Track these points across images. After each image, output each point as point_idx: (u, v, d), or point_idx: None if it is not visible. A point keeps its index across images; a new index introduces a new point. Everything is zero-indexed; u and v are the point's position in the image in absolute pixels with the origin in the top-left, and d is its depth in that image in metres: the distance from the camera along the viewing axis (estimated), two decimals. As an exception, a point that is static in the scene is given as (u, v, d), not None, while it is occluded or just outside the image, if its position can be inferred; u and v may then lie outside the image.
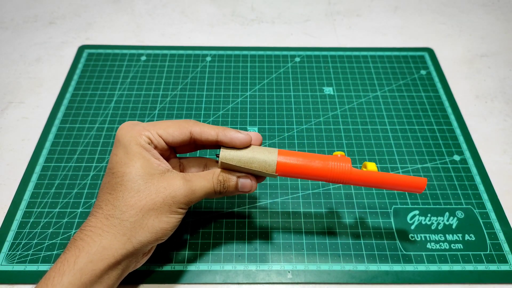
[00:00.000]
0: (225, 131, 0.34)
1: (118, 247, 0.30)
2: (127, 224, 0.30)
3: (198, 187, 0.33)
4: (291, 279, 0.38)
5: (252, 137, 0.34)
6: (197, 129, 0.34)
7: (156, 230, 0.31)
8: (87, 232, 0.30)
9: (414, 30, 0.64)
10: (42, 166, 0.46)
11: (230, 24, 0.65)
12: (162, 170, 0.32)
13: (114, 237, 0.30)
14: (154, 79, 0.56)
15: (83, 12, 0.66)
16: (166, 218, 0.31)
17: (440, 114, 0.52)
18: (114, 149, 0.33)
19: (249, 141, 0.34)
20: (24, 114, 0.52)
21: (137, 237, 0.31)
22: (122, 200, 0.31)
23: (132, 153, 0.32)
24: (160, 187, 0.31)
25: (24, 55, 0.59)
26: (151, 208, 0.31)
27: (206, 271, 0.38)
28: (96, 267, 0.29)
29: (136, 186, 0.31)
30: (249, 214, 0.43)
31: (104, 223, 0.30)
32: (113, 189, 0.31)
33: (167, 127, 0.33)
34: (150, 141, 0.33)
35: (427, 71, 0.57)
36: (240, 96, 0.54)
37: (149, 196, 0.31)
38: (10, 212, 0.42)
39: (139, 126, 0.33)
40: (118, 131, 0.33)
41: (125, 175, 0.31)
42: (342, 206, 0.43)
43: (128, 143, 0.32)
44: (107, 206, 0.31)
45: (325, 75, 0.57)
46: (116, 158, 0.32)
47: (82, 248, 0.29)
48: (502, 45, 0.62)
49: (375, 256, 0.40)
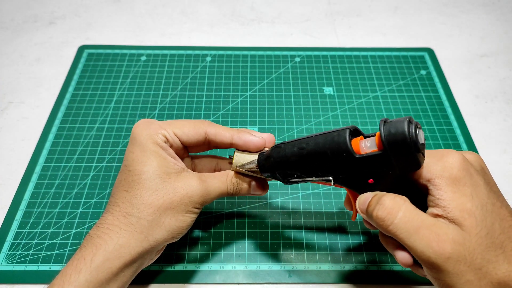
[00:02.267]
0: (240, 133, 0.34)
1: (135, 245, 0.30)
2: (144, 223, 0.31)
3: (213, 188, 0.33)
4: (291, 279, 0.38)
5: (266, 140, 0.34)
6: (212, 130, 0.34)
7: (172, 228, 0.32)
8: (104, 229, 0.30)
9: (414, 30, 0.64)
10: (42, 166, 0.46)
11: (230, 24, 0.65)
12: (178, 170, 0.32)
13: (132, 235, 0.30)
14: (154, 79, 0.56)
15: (83, 12, 0.66)
16: (182, 217, 0.32)
17: (440, 114, 0.52)
18: (130, 147, 0.33)
19: (263, 144, 0.34)
20: (24, 114, 0.52)
21: (154, 235, 0.31)
22: (140, 199, 0.31)
23: (149, 151, 0.32)
24: (177, 187, 0.32)
25: (24, 55, 0.59)
26: (168, 207, 0.31)
27: (206, 271, 0.38)
28: (112, 265, 0.29)
29: (154, 185, 0.31)
30: (249, 214, 0.43)
31: (122, 221, 0.31)
32: (130, 187, 0.31)
33: (182, 127, 0.33)
34: (166, 140, 0.33)
35: (427, 71, 0.57)
36: (240, 96, 0.54)
37: (167, 195, 0.31)
38: (10, 212, 0.42)
39: (156, 124, 0.33)
40: (134, 129, 0.33)
41: (143, 173, 0.31)
42: (342, 206, 0.43)
43: (145, 141, 0.32)
44: (124, 204, 0.31)
45: (325, 75, 0.57)
46: (133, 155, 0.32)
47: (100, 246, 0.30)
48: (502, 45, 0.62)
49: (375, 256, 0.40)
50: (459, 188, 0.26)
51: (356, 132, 0.29)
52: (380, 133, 0.26)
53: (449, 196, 0.26)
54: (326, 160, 0.28)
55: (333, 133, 0.28)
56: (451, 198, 0.26)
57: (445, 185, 0.26)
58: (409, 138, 0.25)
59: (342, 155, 0.27)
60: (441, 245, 0.24)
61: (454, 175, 0.26)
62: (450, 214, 0.25)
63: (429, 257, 0.25)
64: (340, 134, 0.28)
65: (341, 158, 0.28)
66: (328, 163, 0.28)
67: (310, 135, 0.30)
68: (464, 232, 0.25)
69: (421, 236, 0.25)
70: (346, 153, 0.27)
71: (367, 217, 0.28)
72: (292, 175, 0.31)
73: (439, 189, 0.26)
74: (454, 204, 0.26)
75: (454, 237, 0.25)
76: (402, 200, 0.27)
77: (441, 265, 0.25)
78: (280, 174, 0.32)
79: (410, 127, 0.25)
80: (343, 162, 0.28)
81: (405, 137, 0.25)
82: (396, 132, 0.25)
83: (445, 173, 0.26)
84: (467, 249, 0.24)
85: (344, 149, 0.27)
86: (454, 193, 0.26)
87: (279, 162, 0.31)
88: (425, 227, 0.25)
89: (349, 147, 0.27)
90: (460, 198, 0.26)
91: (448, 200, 0.26)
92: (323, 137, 0.29)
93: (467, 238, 0.25)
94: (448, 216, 0.26)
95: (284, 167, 0.31)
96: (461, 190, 0.26)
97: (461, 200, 0.26)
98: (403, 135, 0.25)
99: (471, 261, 0.24)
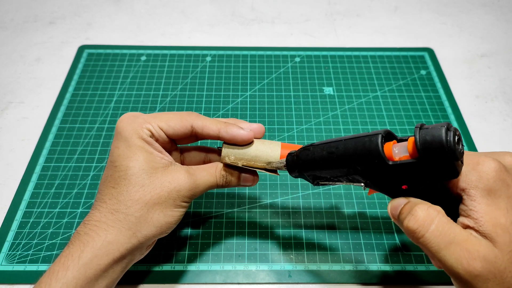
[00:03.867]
0: (227, 127, 0.33)
1: (123, 241, 0.30)
2: (132, 219, 0.30)
3: (202, 181, 0.33)
4: (291, 279, 0.38)
5: (255, 131, 0.33)
6: (198, 123, 0.33)
7: (161, 224, 0.31)
8: (92, 226, 0.30)
9: (414, 30, 0.64)
10: (42, 166, 0.46)
11: (230, 24, 0.65)
12: (165, 164, 0.32)
13: (119, 231, 0.30)
14: (154, 79, 0.56)
15: (83, 12, 0.66)
16: (170, 212, 0.32)
17: (440, 114, 0.52)
18: (115, 142, 0.32)
19: (251, 137, 0.33)
20: (24, 114, 0.52)
21: (142, 231, 0.31)
22: (127, 195, 0.31)
23: (134, 146, 0.31)
24: (165, 181, 0.31)
25: (24, 55, 0.59)
26: (156, 202, 0.31)
27: (206, 271, 0.38)
28: (101, 262, 0.29)
29: (141, 180, 0.31)
30: (249, 214, 0.43)
31: (109, 217, 0.30)
32: (116, 183, 0.31)
33: (168, 120, 0.33)
34: (152, 134, 0.32)
35: (427, 71, 0.57)
36: (240, 96, 0.54)
37: (154, 190, 0.31)
38: (10, 212, 0.42)
39: (140, 118, 0.33)
40: (119, 123, 0.33)
41: (129, 169, 0.31)
42: (342, 206, 0.43)
43: (129, 136, 0.32)
44: (111, 200, 0.31)
45: (325, 75, 0.57)
46: (118, 151, 0.32)
47: (87, 243, 0.29)
48: (502, 45, 0.62)
49: (375, 256, 0.40)
50: (494, 200, 0.25)
51: (389, 135, 0.28)
52: (415, 141, 0.24)
53: (483, 209, 0.25)
54: (357, 165, 0.27)
55: (364, 138, 0.27)
56: (485, 211, 0.25)
57: (479, 197, 0.25)
58: (447, 147, 0.23)
59: (374, 161, 0.26)
60: (471, 262, 0.24)
61: (490, 186, 0.25)
62: (482, 227, 0.25)
63: (458, 273, 0.24)
64: (372, 140, 0.26)
65: (373, 164, 0.27)
66: (359, 168, 0.28)
67: (340, 139, 0.29)
68: (496, 249, 0.24)
69: (452, 251, 0.24)
70: (378, 160, 0.26)
71: (398, 224, 0.28)
72: (321, 177, 0.31)
73: (473, 200, 0.25)
74: (487, 218, 0.25)
75: (485, 255, 0.24)
76: (435, 211, 0.26)
77: (470, 282, 0.24)
78: (309, 176, 0.31)
79: (448, 135, 0.23)
80: (375, 168, 0.27)
81: (442, 146, 0.23)
82: (432, 141, 0.24)
83: (480, 183, 0.25)
84: (498, 267, 0.24)
85: (376, 156, 0.26)
86: (488, 205, 0.25)
87: (308, 165, 0.30)
88: (456, 243, 0.24)
89: (382, 154, 0.26)
90: (494, 212, 0.25)
91: (481, 213, 0.25)
92: (353, 141, 0.28)
93: (498, 256, 0.24)
94: (480, 230, 0.25)
95: (313, 170, 0.30)
96: (495, 203, 0.25)
97: (495, 214, 0.25)
98: (440, 144, 0.23)
99: (501, 280, 0.24)
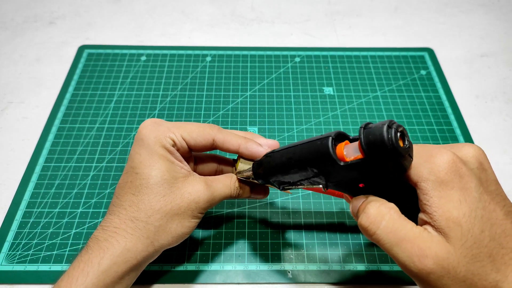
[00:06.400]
0: (247, 144, 0.33)
1: (141, 249, 0.30)
2: (151, 228, 0.31)
3: (218, 193, 0.33)
4: (291, 279, 0.38)
5: (271, 148, 0.33)
6: (220, 138, 0.33)
7: (178, 234, 0.32)
8: (111, 232, 0.30)
9: (414, 30, 0.64)
10: (42, 166, 0.46)
11: (230, 24, 0.65)
12: (185, 174, 0.32)
13: (138, 240, 0.30)
14: (154, 79, 0.56)
15: (83, 12, 0.66)
16: (188, 222, 0.32)
17: (440, 114, 0.52)
18: (137, 148, 0.32)
19: None
20: (24, 114, 0.52)
21: (159, 240, 0.31)
22: (148, 204, 0.31)
23: (157, 155, 0.31)
24: (185, 192, 0.32)
25: (24, 55, 0.59)
26: (175, 213, 0.31)
27: (206, 271, 0.38)
28: (119, 269, 0.29)
29: (162, 190, 0.31)
30: (249, 214, 0.43)
31: (129, 225, 0.31)
32: (137, 190, 0.31)
33: (191, 131, 0.33)
34: (174, 143, 0.32)
35: (427, 71, 0.57)
36: (240, 96, 0.54)
37: (174, 201, 0.31)
38: (10, 212, 0.42)
39: (163, 126, 0.33)
40: (142, 129, 0.32)
41: (151, 177, 0.31)
42: (342, 206, 0.43)
43: (152, 144, 0.32)
44: (132, 207, 0.31)
45: (325, 75, 0.57)
46: (140, 158, 0.32)
47: (107, 249, 0.30)
48: (502, 45, 0.62)
49: (375, 256, 0.40)
50: (446, 192, 0.24)
51: (341, 136, 0.28)
52: (360, 141, 0.25)
53: (435, 202, 0.24)
54: (313, 168, 0.28)
55: (316, 141, 0.27)
56: (437, 205, 0.24)
57: (431, 190, 0.24)
58: (389, 144, 0.23)
59: (327, 163, 0.27)
60: (422, 260, 0.23)
61: (442, 179, 0.24)
62: (436, 222, 0.24)
63: (411, 270, 0.24)
64: (323, 142, 0.27)
65: (327, 166, 0.27)
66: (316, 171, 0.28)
67: (297, 143, 0.29)
68: (449, 244, 0.24)
69: (403, 249, 0.24)
70: (331, 162, 0.26)
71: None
72: (284, 182, 0.31)
73: (425, 194, 0.24)
74: (440, 212, 0.24)
75: (437, 251, 0.23)
76: (387, 208, 0.25)
77: (424, 279, 0.24)
78: (274, 182, 0.32)
79: (390, 133, 0.23)
80: (329, 169, 0.27)
81: (384, 144, 0.23)
82: (375, 140, 0.24)
83: (431, 176, 0.24)
84: (451, 263, 0.23)
85: (328, 158, 0.26)
86: (441, 198, 0.24)
87: (270, 172, 0.31)
88: (408, 240, 0.24)
89: (332, 155, 0.26)
90: (447, 205, 0.24)
91: (434, 207, 0.24)
92: (307, 146, 0.28)
93: (451, 251, 0.23)
94: (435, 225, 0.24)
95: (276, 176, 0.31)
96: (448, 195, 0.24)
97: (447, 207, 0.24)
98: (382, 142, 0.23)
99: (455, 275, 0.23)
